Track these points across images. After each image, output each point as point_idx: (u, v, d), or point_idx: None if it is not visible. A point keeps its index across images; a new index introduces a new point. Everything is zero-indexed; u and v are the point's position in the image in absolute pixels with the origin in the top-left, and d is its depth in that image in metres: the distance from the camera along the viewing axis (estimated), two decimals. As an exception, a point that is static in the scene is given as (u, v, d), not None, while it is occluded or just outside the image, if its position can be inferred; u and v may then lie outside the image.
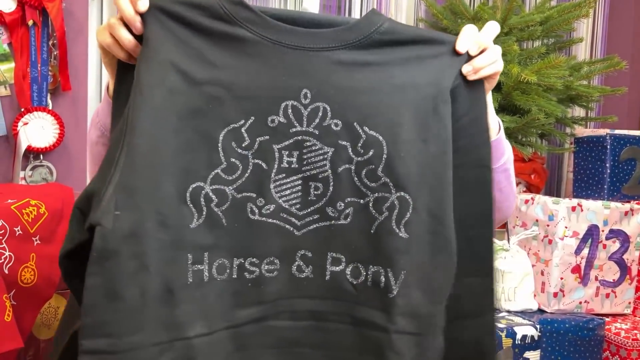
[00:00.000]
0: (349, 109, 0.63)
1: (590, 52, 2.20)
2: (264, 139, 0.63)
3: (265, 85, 0.62)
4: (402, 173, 0.63)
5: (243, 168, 0.63)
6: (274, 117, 0.63)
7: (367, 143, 0.64)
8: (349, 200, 0.64)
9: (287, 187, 0.64)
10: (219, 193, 0.62)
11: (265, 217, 0.63)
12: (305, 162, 0.64)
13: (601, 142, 1.52)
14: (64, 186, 1.12)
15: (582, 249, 1.38)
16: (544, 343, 1.30)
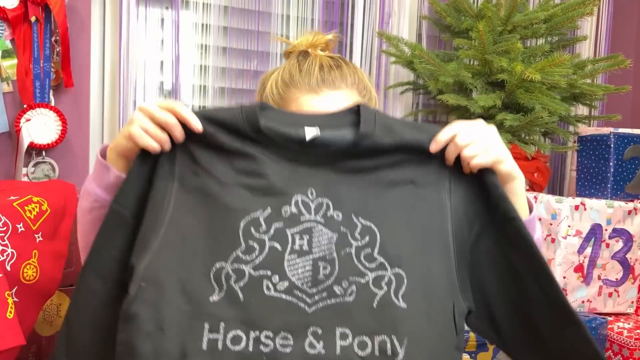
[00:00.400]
0: (346, 204, 0.75)
1: (594, 50, 2.19)
2: (279, 225, 0.73)
3: (280, 185, 0.74)
4: (394, 254, 0.73)
5: (260, 249, 0.72)
6: (287, 208, 0.74)
7: (363, 231, 0.74)
8: (352, 279, 0.72)
9: (299, 267, 0.72)
10: (238, 271, 0.70)
11: (279, 292, 0.70)
12: (315, 245, 0.73)
13: (605, 140, 1.51)
14: (66, 183, 1.12)
15: (585, 248, 1.38)
16: (547, 342, 1.30)
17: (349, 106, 0.80)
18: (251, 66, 1.81)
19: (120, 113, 1.59)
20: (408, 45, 1.74)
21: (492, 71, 1.58)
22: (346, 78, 0.93)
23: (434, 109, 1.97)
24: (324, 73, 0.91)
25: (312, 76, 0.91)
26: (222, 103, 1.77)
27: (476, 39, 1.54)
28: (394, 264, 0.73)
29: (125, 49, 1.58)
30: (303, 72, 0.92)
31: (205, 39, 1.74)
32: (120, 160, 0.79)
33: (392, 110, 1.96)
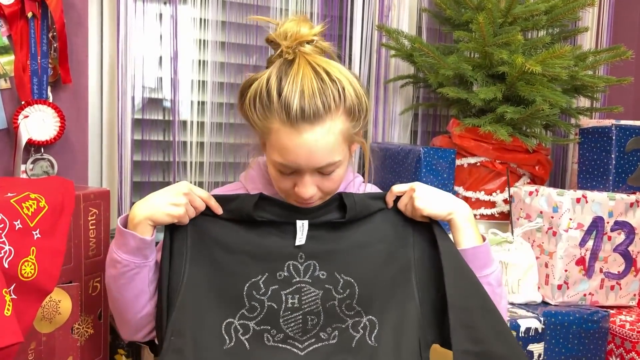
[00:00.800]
0: (330, 264, 0.92)
1: (596, 41, 2.17)
2: (274, 288, 0.91)
3: (275, 253, 0.93)
4: (368, 304, 0.92)
5: (260, 309, 0.91)
6: (281, 272, 0.92)
7: (344, 285, 0.92)
8: (335, 325, 0.91)
9: (292, 321, 0.91)
10: (244, 326, 0.90)
11: (277, 342, 0.90)
12: (304, 302, 0.91)
13: (606, 132, 1.50)
14: (64, 179, 1.11)
15: (586, 240, 1.37)
16: (548, 335, 1.29)
17: (331, 198, 0.94)
18: (250, 61, 1.80)
19: (119, 108, 1.59)
20: (408, 39, 1.72)
21: (492, 63, 1.57)
22: (331, 101, 0.86)
23: (434, 103, 1.96)
24: (304, 102, 0.84)
25: (291, 107, 0.84)
26: (221, 98, 1.76)
27: (476, 31, 1.52)
28: (368, 312, 0.91)
29: (123, 45, 1.58)
30: (282, 98, 0.85)
31: (203, 34, 1.73)
32: (150, 228, 0.91)
33: (392, 104, 1.95)
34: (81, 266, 1.14)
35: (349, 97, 0.88)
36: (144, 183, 1.71)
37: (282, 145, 0.87)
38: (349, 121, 0.90)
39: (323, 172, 0.90)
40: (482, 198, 1.66)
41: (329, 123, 0.86)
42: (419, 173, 1.57)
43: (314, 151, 0.86)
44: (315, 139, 0.86)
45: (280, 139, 0.87)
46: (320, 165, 0.88)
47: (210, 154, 1.75)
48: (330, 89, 0.86)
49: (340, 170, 0.92)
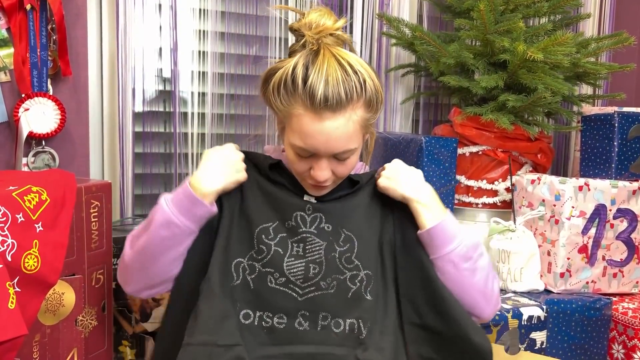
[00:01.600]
0: (335, 218, 0.99)
1: (598, 28, 2.16)
2: (282, 235, 0.98)
3: (286, 203, 1.00)
4: (366, 258, 0.98)
5: (267, 252, 0.97)
6: (289, 222, 0.98)
7: (345, 239, 0.98)
8: (334, 276, 0.96)
9: (295, 267, 0.96)
10: (251, 266, 0.97)
11: (279, 285, 0.96)
12: (308, 251, 0.97)
13: (609, 120, 1.49)
14: (65, 172, 1.12)
15: (589, 228, 1.37)
16: (551, 323, 1.29)
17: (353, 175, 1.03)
18: (250, 51, 1.79)
19: (119, 100, 1.58)
20: (408, 27, 1.71)
21: (494, 51, 1.56)
22: (353, 92, 0.90)
23: (436, 91, 1.95)
24: (329, 90, 0.87)
25: (316, 94, 0.87)
26: (222, 89, 1.75)
27: (477, 19, 1.51)
28: (365, 267, 0.97)
29: (122, 36, 1.57)
30: (307, 86, 0.88)
31: (203, 24, 1.72)
32: (215, 198, 0.96)
33: (393, 93, 1.94)
34: (84, 258, 1.15)
35: (369, 89, 0.92)
36: (145, 175, 1.71)
37: (303, 130, 0.91)
38: (367, 112, 0.94)
39: (339, 157, 0.94)
40: (484, 187, 1.65)
41: (349, 112, 0.90)
42: (420, 162, 1.56)
43: (333, 138, 0.91)
44: (335, 127, 0.90)
45: (302, 124, 0.91)
46: (338, 151, 0.93)
47: (212, 145, 1.74)
48: (352, 80, 0.90)
49: (354, 157, 0.97)
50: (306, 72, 0.90)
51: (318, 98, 0.88)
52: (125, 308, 1.37)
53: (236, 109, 1.79)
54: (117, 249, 1.34)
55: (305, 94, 0.89)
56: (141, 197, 1.72)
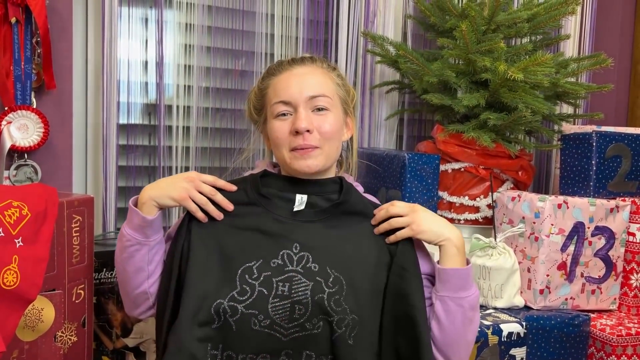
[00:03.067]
0: (323, 257, 0.96)
1: (578, 48, 2.20)
2: (267, 274, 0.94)
3: (271, 241, 0.97)
4: (354, 302, 0.94)
5: (251, 293, 0.93)
6: (275, 260, 0.95)
7: (335, 281, 0.95)
8: (321, 317, 0.93)
9: (280, 308, 0.93)
10: (232, 308, 0.92)
11: (263, 328, 0.92)
12: (294, 291, 0.93)
13: (587, 139, 1.52)
14: (47, 186, 1.11)
15: (568, 245, 1.39)
16: (530, 340, 1.31)
17: (332, 178, 1.05)
18: (237, 65, 1.80)
19: (104, 114, 1.58)
20: (393, 45, 1.74)
21: (475, 70, 1.59)
22: (317, 62, 1.06)
23: (420, 108, 1.97)
24: (296, 59, 1.07)
25: (284, 63, 1.06)
26: (207, 103, 1.76)
27: (460, 39, 1.54)
28: (353, 311, 0.94)
29: (108, 49, 1.57)
30: (277, 64, 1.07)
31: (189, 38, 1.73)
32: (153, 209, 0.98)
33: (378, 110, 1.97)
34: (65, 273, 1.14)
35: (337, 73, 1.08)
36: (129, 188, 1.70)
37: (277, 87, 1.03)
38: (338, 80, 1.07)
39: (316, 105, 1.01)
40: (466, 203, 1.67)
41: (319, 67, 1.06)
42: (403, 178, 1.58)
43: (304, 79, 1.02)
44: (305, 71, 1.04)
45: (276, 86, 1.04)
46: (311, 92, 1.01)
47: (196, 158, 1.75)
48: (318, 60, 1.08)
49: (333, 115, 1.03)
50: (273, 64, 1.10)
51: (285, 60, 1.07)
52: (106, 323, 1.36)
53: (221, 122, 1.79)
54: (98, 263, 1.34)
55: (276, 65, 1.07)
56: (124, 211, 1.71)
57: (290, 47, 1.84)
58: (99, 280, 1.34)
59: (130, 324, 1.39)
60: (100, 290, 1.34)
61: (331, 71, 1.07)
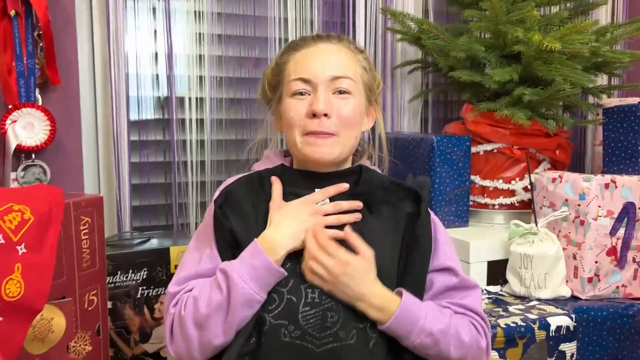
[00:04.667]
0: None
1: (612, 15, 2.06)
2: (294, 280, 0.85)
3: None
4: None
5: (279, 301, 0.84)
6: (301, 265, 0.86)
7: None
8: (354, 324, 0.84)
9: (311, 317, 0.83)
10: (260, 318, 0.83)
11: (293, 339, 0.82)
12: (324, 297, 0.84)
13: (633, 111, 1.39)
14: (51, 187, 1.03)
15: (617, 229, 1.27)
16: (581, 333, 1.20)
17: (351, 168, 0.97)
18: (251, 53, 1.71)
19: (113, 109, 1.50)
20: (414, 21, 1.62)
21: (506, 43, 1.47)
22: (344, 42, 0.96)
23: (445, 88, 1.86)
24: (321, 35, 0.97)
25: (308, 38, 0.96)
26: (221, 94, 1.67)
27: (488, 9, 1.42)
28: None
29: (114, 41, 1.49)
30: (300, 39, 0.97)
31: (199, 27, 1.64)
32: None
33: (400, 91, 1.86)
34: (75, 280, 1.06)
35: (363, 55, 0.98)
36: (143, 185, 1.63)
37: (298, 63, 0.93)
38: (364, 63, 0.96)
39: (337, 87, 0.91)
40: (500, 187, 1.56)
41: (343, 47, 0.95)
42: (432, 163, 1.47)
43: (328, 58, 0.92)
44: (330, 50, 0.94)
45: (297, 61, 0.94)
46: (334, 73, 0.91)
47: (212, 151, 1.66)
48: (345, 39, 0.98)
49: (354, 100, 0.93)
50: (296, 40, 0.99)
51: (309, 36, 0.97)
52: (123, 329, 1.29)
53: (236, 113, 1.70)
54: (112, 266, 1.27)
55: (298, 41, 0.97)
56: (139, 209, 1.64)
57: (305, 31, 1.74)
58: (114, 284, 1.27)
59: (150, 328, 1.32)
60: (115, 294, 1.27)
61: (358, 53, 0.97)
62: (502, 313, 1.20)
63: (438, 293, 0.92)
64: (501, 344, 1.11)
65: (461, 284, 0.92)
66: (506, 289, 1.37)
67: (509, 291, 1.35)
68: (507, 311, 1.21)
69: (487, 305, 1.26)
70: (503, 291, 1.37)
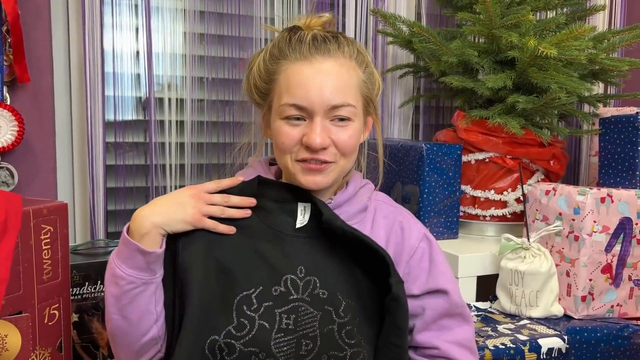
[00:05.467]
0: (332, 281, 0.81)
1: (609, 22, 2.01)
2: (268, 304, 0.79)
3: (271, 264, 0.81)
4: (367, 332, 0.81)
5: (250, 327, 0.78)
6: (277, 287, 0.80)
7: (346, 309, 0.81)
8: (331, 353, 0.79)
9: (284, 345, 0.78)
10: (229, 346, 0.77)
11: None
12: (300, 324, 0.79)
13: (631, 121, 1.33)
14: (8, 193, 0.96)
15: (613, 245, 1.21)
16: (573, 355, 1.14)
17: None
18: (233, 54, 1.64)
19: (88, 109, 1.43)
20: (406, 24, 1.56)
21: (500, 48, 1.41)
22: (343, 48, 0.84)
23: (437, 93, 1.80)
24: (318, 42, 0.83)
25: (303, 45, 0.83)
26: (202, 95, 1.60)
27: (482, 12, 1.36)
28: (367, 342, 0.81)
29: (90, 38, 1.42)
30: (293, 42, 0.84)
31: (180, 25, 1.57)
32: (160, 238, 0.80)
33: (391, 96, 1.79)
34: (33, 293, 0.99)
35: (361, 55, 0.87)
36: (119, 189, 1.56)
37: (292, 82, 0.82)
38: (363, 73, 0.86)
39: (337, 115, 0.82)
40: (491, 197, 1.50)
41: (342, 60, 0.83)
42: (421, 172, 1.41)
43: (326, 84, 0.81)
44: (328, 69, 0.82)
45: (289, 78, 0.83)
46: (334, 102, 0.81)
47: (192, 155, 1.59)
48: (343, 41, 0.85)
49: (354, 125, 0.84)
50: (290, 36, 0.85)
51: (306, 42, 0.83)
52: (90, 344, 1.22)
53: (218, 116, 1.63)
54: (79, 277, 1.19)
55: (292, 46, 0.84)
56: (114, 214, 1.56)
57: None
58: (81, 295, 1.20)
59: (119, 343, 1.25)
60: (82, 307, 1.20)
61: (358, 64, 0.86)
62: (490, 333, 1.13)
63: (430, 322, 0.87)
64: (489, 366, 1.05)
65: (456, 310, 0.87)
66: (496, 305, 1.30)
67: (498, 308, 1.29)
68: (496, 331, 1.15)
69: (475, 323, 1.19)
70: (493, 308, 1.31)
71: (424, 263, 0.88)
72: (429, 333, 0.86)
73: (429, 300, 0.86)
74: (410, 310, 0.85)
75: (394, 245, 0.89)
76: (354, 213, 0.91)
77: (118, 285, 0.80)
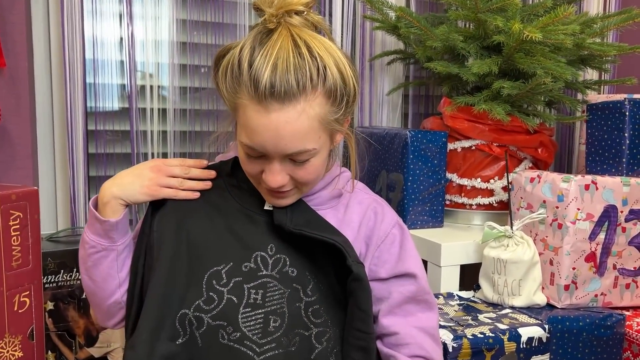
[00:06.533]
0: (301, 260, 0.83)
1: (604, 7, 1.97)
2: (237, 279, 0.80)
3: (245, 241, 0.83)
4: (335, 314, 0.82)
5: (218, 301, 0.79)
6: (247, 264, 0.81)
7: (314, 288, 0.82)
8: (297, 331, 0.80)
9: (252, 319, 0.79)
10: (198, 319, 0.78)
11: (232, 342, 0.78)
12: (268, 299, 0.80)
13: (619, 108, 1.31)
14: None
15: (597, 233, 1.19)
16: (554, 345, 1.12)
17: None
18: (217, 40, 1.61)
19: (67, 96, 1.41)
20: (393, 9, 1.53)
21: (486, 33, 1.38)
22: (306, 80, 0.73)
23: (425, 81, 1.77)
24: (276, 77, 0.72)
25: (260, 80, 0.72)
26: (185, 82, 1.58)
27: (467, -4, 1.33)
28: (334, 324, 0.81)
29: (69, 22, 1.40)
30: (252, 70, 0.73)
31: (160, 10, 1.54)
32: (120, 208, 0.85)
33: (379, 84, 1.76)
34: (2, 280, 0.97)
35: (330, 77, 0.75)
36: (100, 177, 1.54)
37: (248, 124, 0.76)
38: (329, 105, 0.77)
39: (295, 159, 0.78)
40: (478, 186, 1.47)
41: (302, 104, 0.74)
42: (406, 160, 1.39)
43: (282, 135, 0.74)
44: (284, 121, 0.74)
45: (247, 117, 0.76)
46: (290, 152, 0.77)
47: (174, 143, 1.57)
48: (308, 65, 0.74)
49: (316, 159, 0.80)
50: (252, 54, 0.75)
51: (262, 85, 0.72)
52: (65, 332, 1.20)
53: (201, 104, 1.61)
54: (55, 264, 1.18)
55: (250, 79, 0.74)
56: (96, 203, 1.54)
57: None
58: (56, 283, 1.18)
59: (96, 331, 1.23)
60: (58, 295, 1.18)
61: (326, 90, 0.75)
62: (470, 322, 1.11)
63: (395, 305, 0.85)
64: (467, 356, 1.03)
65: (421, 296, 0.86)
66: (479, 295, 1.28)
67: (481, 297, 1.27)
68: (477, 320, 1.13)
69: (456, 312, 1.17)
70: (476, 297, 1.29)
71: (394, 248, 0.87)
72: (394, 318, 0.85)
73: (397, 283, 0.85)
74: (377, 294, 0.84)
75: (365, 228, 0.88)
76: (327, 199, 0.90)
77: (84, 247, 0.87)
